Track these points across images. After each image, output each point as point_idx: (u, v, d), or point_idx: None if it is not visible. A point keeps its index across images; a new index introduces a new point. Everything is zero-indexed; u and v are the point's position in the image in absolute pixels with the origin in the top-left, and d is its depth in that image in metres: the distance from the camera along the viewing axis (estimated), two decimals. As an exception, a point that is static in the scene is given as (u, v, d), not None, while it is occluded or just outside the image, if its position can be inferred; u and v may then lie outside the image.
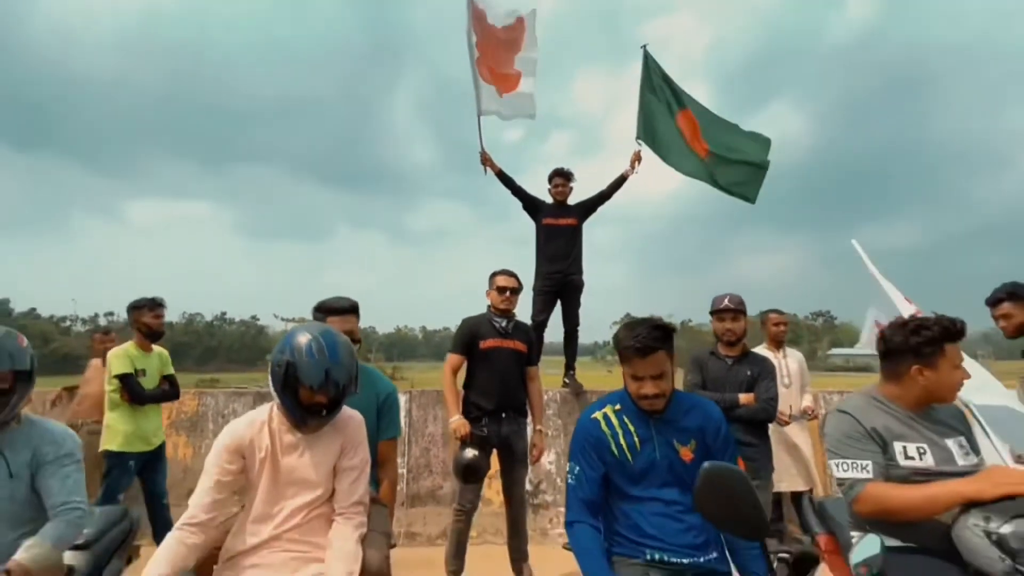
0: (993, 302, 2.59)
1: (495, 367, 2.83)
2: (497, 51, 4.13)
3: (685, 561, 1.42)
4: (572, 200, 4.14)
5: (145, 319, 3.20)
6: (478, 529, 3.50)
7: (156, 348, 3.34)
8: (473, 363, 2.88)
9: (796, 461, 3.34)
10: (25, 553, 1.41)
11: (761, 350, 3.45)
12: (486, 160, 4.08)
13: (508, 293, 2.88)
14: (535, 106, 4.24)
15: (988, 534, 1.30)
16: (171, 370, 3.37)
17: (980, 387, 2.12)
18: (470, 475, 2.62)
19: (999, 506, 1.32)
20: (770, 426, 3.20)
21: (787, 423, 3.19)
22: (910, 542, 1.49)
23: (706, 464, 1.19)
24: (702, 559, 1.44)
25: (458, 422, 2.71)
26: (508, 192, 4.16)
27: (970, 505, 1.37)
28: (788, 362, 3.45)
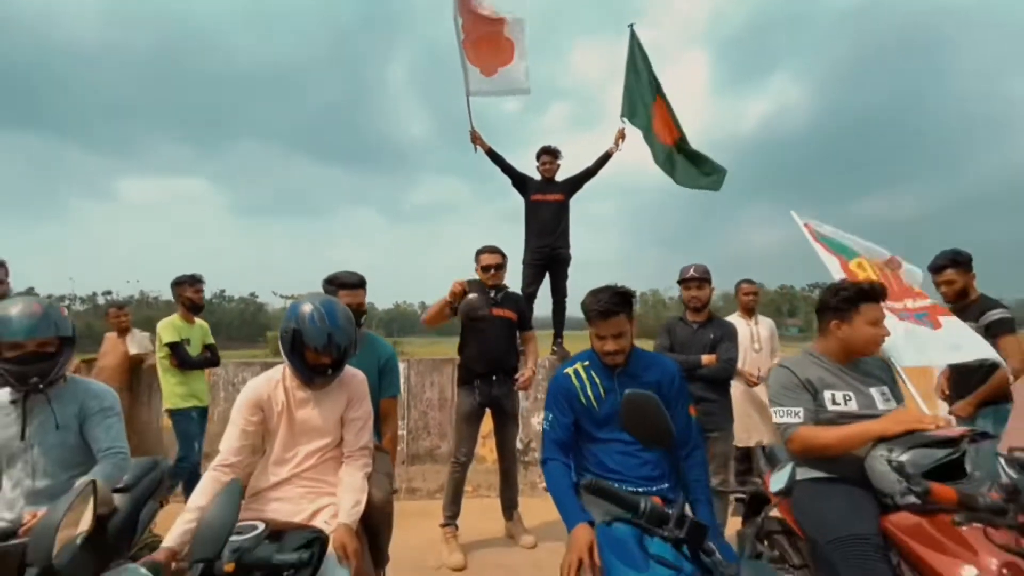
0: (936, 268, 2.82)
1: (486, 334, 3.07)
2: (483, 28, 4.22)
3: (640, 490, 1.67)
4: (559, 177, 4.32)
5: (187, 294, 3.54)
6: (473, 484, 3.80)
7: (197, 320, 3.66)
8: (466, 331, 3.13)
9: (765, 419, 3.62)
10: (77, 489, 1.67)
11: (734, 318, 3.70)
12: (476, 138, 4.23)
13: (492, 271, 3.10)
14: (528, 79, 4.33)
15: (890, 462, 1.56)
16: (211, 340, 3.73)
17: (956, 345, 2.38)
18: (471, 311, 2.91)
19: (900, 440, 1.58)
20: (741, 386, 3.47)
21: (756, 384, 3.46)
22: (834, 473, 1.75)
23: (627, 391, 1.43)
24: (655, 488, 1.70)
25: (453, 283, 2.96)
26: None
27: (879, 441, 1.63)
28: (759, 329, 3.70)
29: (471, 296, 2.93)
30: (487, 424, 3.20)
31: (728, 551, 1.54)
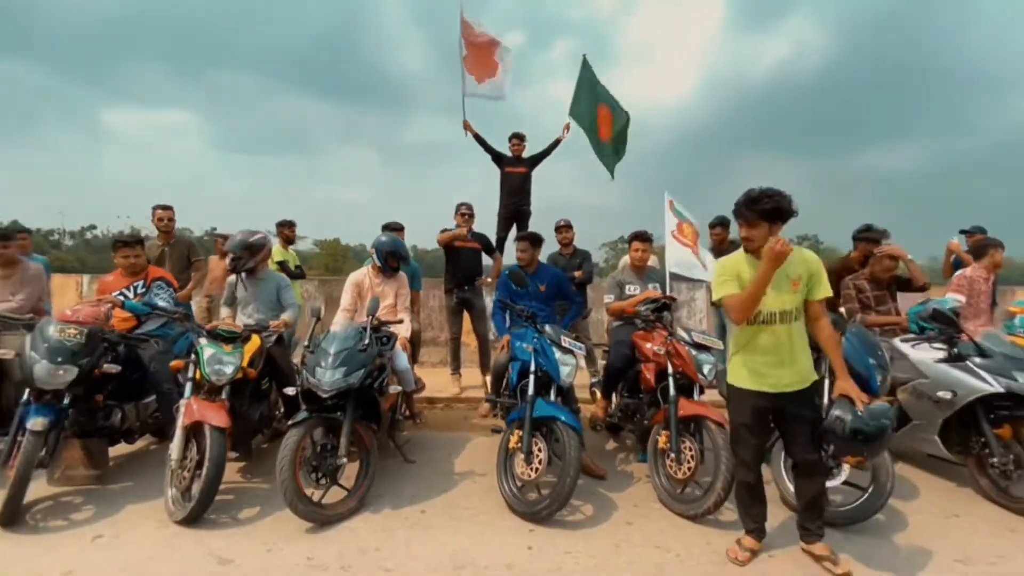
0: (710, 225, 4.84)
1: (460, 258, 5.06)
2: (479, 47, 5.94)
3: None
4: (525, 155, 6.14)
5: (285, 232, 5.72)
6: (462, 361, 5.88)
7: (291, 249, 5.76)
8: (448, 255, 5.12)
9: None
10: (280, 318, 3.67)
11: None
12: (467, 126, 6.02)
13: (467, 217, 5.09)
14: (506, 92, 6.12)
15: (638, 312, 3.60)
16: (299, 262, 5.81)
17: (698, 267, 4.41)
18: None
19: (644, 302, 3.62)
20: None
21: None
22: (620, 321, 3.79)
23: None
24: (541, 315, 3.73)
25: (459, 229, 5.04)
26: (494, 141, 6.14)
27: (641, 303, 3.67)
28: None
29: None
30: (467, 323, 5.25)
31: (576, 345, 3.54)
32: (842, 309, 4.07)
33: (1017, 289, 7.45)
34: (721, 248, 4.95)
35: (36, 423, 2.68)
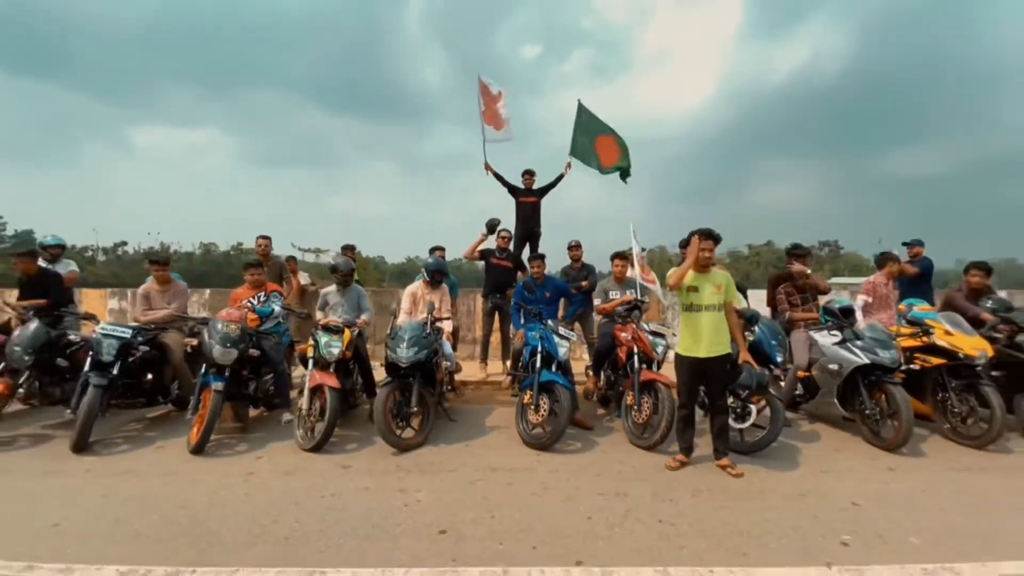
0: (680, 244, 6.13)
1: (497, 274, 6.48)
2: (491, 102, 7.41)
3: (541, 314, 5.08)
4: (535, 186, 7.56)
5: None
6: (489, 354, 7.27)
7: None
8: (486, 269, 6.54)
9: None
10: (361, 318, 5.12)
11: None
12: (488, 167, 7.46)
13: (507, 239, 6.53)
14: (513, 134, 7.58)
15: (616, 312, 4.97)
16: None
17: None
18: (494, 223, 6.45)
19: (622, 304, 4.99)
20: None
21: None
22: (607, 318, 5.15)
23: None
24: (545, 314, 5.10)
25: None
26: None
27: (620, 305, 5.05)
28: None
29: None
30: (497, 320, 6.66)
31: (569, 334, 4.92)
32: (781, 307, 5.40)
33: None
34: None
35: (217, 386, 4.16)
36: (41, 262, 5.58)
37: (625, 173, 7.63)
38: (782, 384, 5.00)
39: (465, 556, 2.57)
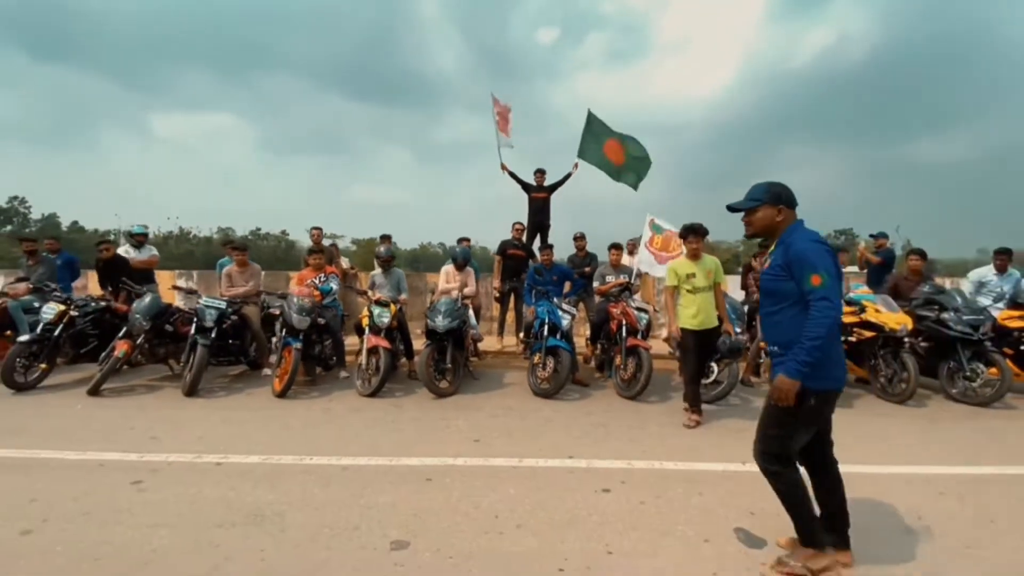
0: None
1: (514, 262, 7.62)
2: (501, 113, 8.50)
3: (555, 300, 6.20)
4: (546, 183, 8.63)
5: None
6: (505, 330, 8.42)
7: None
8: (504, 259, 7.68)
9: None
10: (401, 296, 6.30)
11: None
12: (503, 167, 8.54)
13: (520, 230, 7.63)
14: (513, 142, 8.69)
15: (611, 291, 6.08)
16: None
17: (652, 266, 6.86)
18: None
19: (615, 286, 6.10)
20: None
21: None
22: (600, 296, 6.27)
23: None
24: (552, 295, 6.22)
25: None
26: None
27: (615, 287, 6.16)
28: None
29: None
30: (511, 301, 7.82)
31: (570, 309, 6.04)
32: (751, 290, 6.49)
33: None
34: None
35: (297, 345, 5.38)
36: (122, 249, 6.95)
37: (633, 176, 8.61)
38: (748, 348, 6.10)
39: (494, 453, 3.74)
